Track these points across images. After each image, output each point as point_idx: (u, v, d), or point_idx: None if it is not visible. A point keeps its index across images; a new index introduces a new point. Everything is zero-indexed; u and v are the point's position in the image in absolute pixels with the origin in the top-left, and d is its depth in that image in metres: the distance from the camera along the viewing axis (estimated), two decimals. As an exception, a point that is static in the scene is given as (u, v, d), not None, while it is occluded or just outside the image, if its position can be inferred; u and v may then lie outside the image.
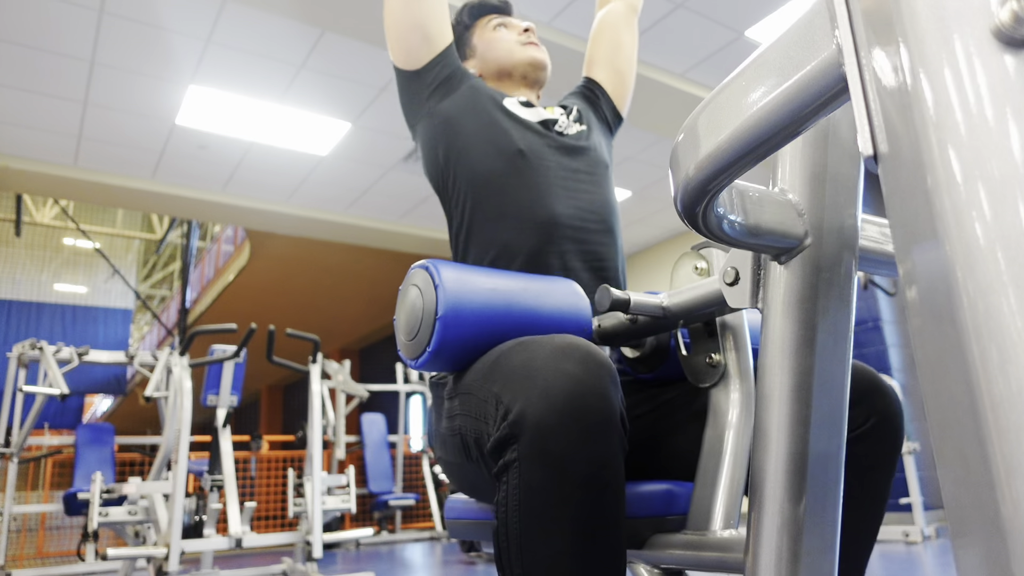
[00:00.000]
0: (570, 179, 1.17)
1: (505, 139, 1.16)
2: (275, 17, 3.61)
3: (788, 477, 0.58)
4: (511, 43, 1.32)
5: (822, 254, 0.59)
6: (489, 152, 1.15)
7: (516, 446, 0.68)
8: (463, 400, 0.84)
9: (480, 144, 1.16)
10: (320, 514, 3.40)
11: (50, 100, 4.24)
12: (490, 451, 0.72)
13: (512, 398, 0.70)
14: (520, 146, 1.16)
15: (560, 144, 1.20)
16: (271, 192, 5.66)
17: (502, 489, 0.69)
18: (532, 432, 0.66)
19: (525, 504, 0.67)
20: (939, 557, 3.58)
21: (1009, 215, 0.29)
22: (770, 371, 0.60)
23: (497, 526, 0.70)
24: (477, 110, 1.19)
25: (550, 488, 0.66)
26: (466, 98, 1.20)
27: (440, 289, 0.80)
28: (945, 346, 0.31)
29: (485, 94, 1.21)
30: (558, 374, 0.68)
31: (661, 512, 0.83)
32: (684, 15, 3.78)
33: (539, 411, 0.67)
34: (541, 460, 0.66)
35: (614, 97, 1.38)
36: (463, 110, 1.19)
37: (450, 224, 1.20)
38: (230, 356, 3.69)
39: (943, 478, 0.32)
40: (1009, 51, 0.30)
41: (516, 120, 1.19)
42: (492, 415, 0.73)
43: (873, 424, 0.85)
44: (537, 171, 1.14)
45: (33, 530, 5.84)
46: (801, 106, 0.42)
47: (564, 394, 0.67)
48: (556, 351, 0.70)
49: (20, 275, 9.80)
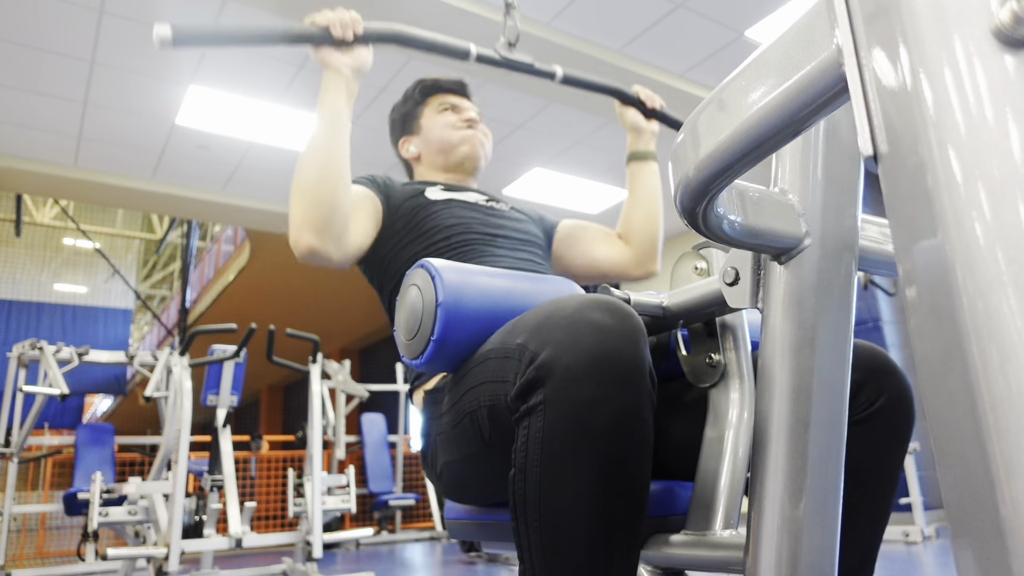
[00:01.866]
0: (502, 243, 1.24)
1: (430, 225, 1.23)
2: (275, 17, 3.61)
3: (788, 477, 0.58)
4: (449, 133, 1.38)
5: (822, 254, 0.59)
6: (420, 241, 1.22)
7: (542, 389, 0.66)
8: (474, 373, 0.82)
9: (412, 238, 1.23)
10: (320, 514, 3.40)
11: (50, 100, 4.24)
12: (512, 399, 0.70)
13: (540, 344, 0.68)
14: (447, 223, 1.23)
15: (487, 214, 1.28)
16: (271, 192, 5.66)
17: (522, 434, 0.68)
18: (561, 374, 0.65)
19: (547, 447, 0.66)
20: (939, 557, 3.58)
21: (1009, 215, 0.29)
22: (770, 371, 0.60)
23: (514, 473, 0.69)
24: (404, 218, 1.25)
25: (575, 430, 0.65)
26: (394, 218, 1.25)
27: (440, 287, 0.80)
28: (945, 346, 0.31)
29: (405, 198, 1.27)
30: (589, 323, 0.67)
31: (661, 512, 0.83)
32: (684, 15, 3.78)
33: (569, 355, 0.65)
34: (569, 403, 0.65)
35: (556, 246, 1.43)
36: (393, 225, 1.25)
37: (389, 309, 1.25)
38: (230, 356, 3.69)
39: (943, 478, 0.32)
40: (1009, 51, 0.30)
41: (437, 203, 1.26)
42: (514, 368, 0.72)
43: (882, 405, 0.84)
44: (467, 241, 1.22)
45: (33, 530, 5.85)
46: (801, 106, 0.42)
47: (595, 340, 0.66)
48: (585, 303, 0.70)
49: (20, 275, 9.80)
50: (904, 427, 0.86)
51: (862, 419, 0.84)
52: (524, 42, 1.40)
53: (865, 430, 0.83)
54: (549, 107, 4.40)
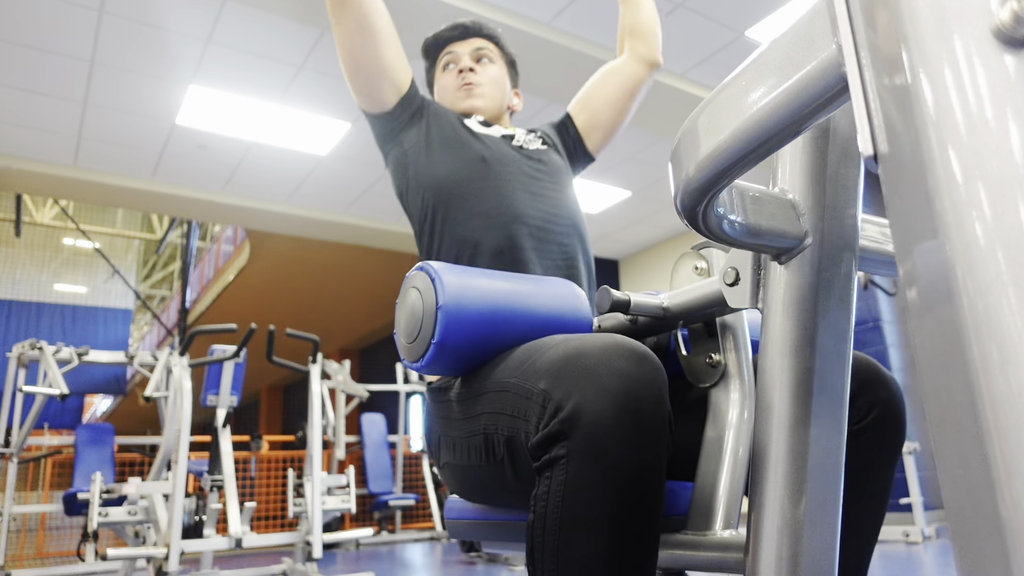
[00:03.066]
0: (532, 183, 1.24)
1: (467, 149, 1.25)
2: (275, 17, 3.61)
3: (788, 477, 0.58)
4: (451, 92, 1.40)
5: (822, 254, 0.59)
6: (454, 162, 1.24)
7: (566, 443, 0.67)
8: (492, 399, 0.82)
9: (445, 158, 1.25)
10: (320, 514, 3.40)
11: (50, 100, 4.24)
12: (533, 447, 0.70)
13: (564, 394, 0.68)
14: (483, 154, 1.24)
15: (520, 153, 1.29)
16: (271, 192, 5.66)
17: (543, 484, 0.68)
18: (587, 429, 0.65)
19: (569, 500, 0.66)
20: (939, 557, 3.58)
21: (1009, 215, 0.29)
22: (770, 371, 0.60)
23: (533, 520, 0.69)
24: (442, 130, 1.28)
25: (598, 486, 0.65)
26: (431, 123, 1.29)
27: (440, 290, 0.80)
28: (945, 346, 0.31)
29: (446, 117, 1.31)
30: (615, 373, 0.67)
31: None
32: (684, 15, 3.78)
33: (596, 408, 0.65)
34: (593, 458, 0.65)
35: (583, 131, 1.43)
36: (429, 131, 1.28)
37: (419, 238, 1.25)
38: (230, 356, 3.68)
39: (943, 478, 0.32)
40: (1009, 51, 0.30)
41: (476, 135, 1.29)
42: (536, 412, 0.72)
43: (875, 416, 0.85)
44: (500, 175, 1.22)
45: (33, 530, 5.85)
46: (801, 106, 0.42)
47: (622, 393, 0.66)
48: (610, 349, 0.69)
49: (20, 275, 9.80)
50: (897, 438, 0.87)
51: (855, 431, 0.84)
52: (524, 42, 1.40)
53: (859, 442, 0.83)
54: (549, 107, 4.40)
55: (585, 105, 1.45)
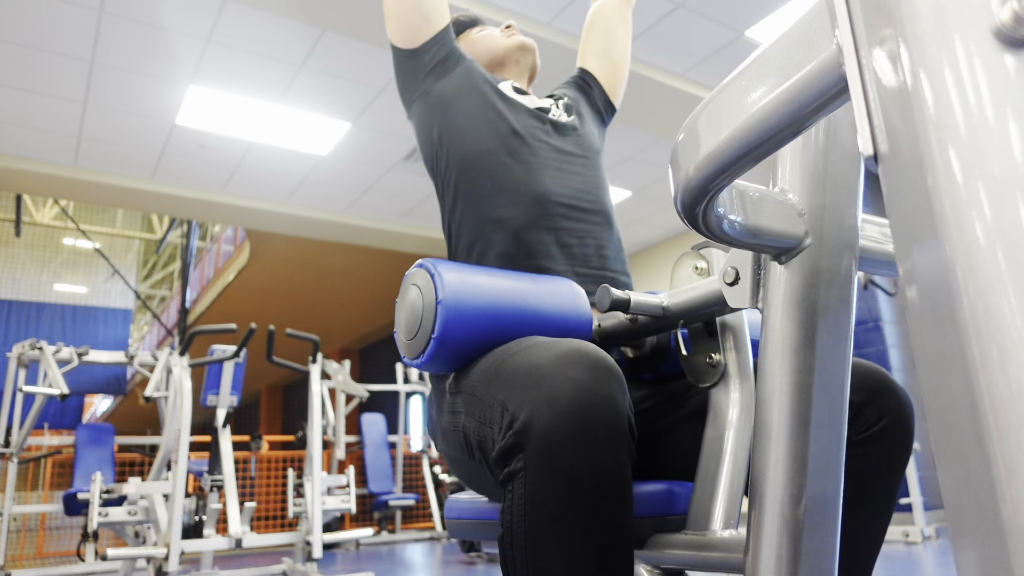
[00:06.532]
0: (562, 161, 1.18)
1: (499, 119, 1.17)
2: (275, 17, 3.61)
3: (788, 477, 0.58)
4: (496, 37, 1.36)
5: (822, 254, 0.59)
6: (483, 131, 1.16)
7: (522, 455, 0.66)
8: (466, 400, 0.83)
9: (474, 124, 1.17)
10: (320, 514, 3.40)
11: (50, 100, 4.24)
12: (495, 459, 0.70)
13: (518, 406, 0.68)
14: (515, 126, 1.17)
15: (552, 128, 1.22)
16: (271, 192, 5.66)
17: (507, 498, 0.68)
18: (538, 442, 0.65)
19: (531, 515, 0.65)
20: (939, 557, 3.58)
21: (1009, 215, 0.29)
22: (770, 371, 0.60)
23: (502, 534, 0.69)
24: (472, 90, 1.20)
25: (557, 499, 0.64)
26: (462, 79, 1.21)
27: (440, 287, 0.80)
28: (945, 346, 0.31)
29: (480, 76, 1.23)
30: (566, 381, 0.66)
31: (661, 512, 0.83)
32: (684, 15, 3.77)
33: (546, 420, 0.65)
34: (548, 470, 0.64)
35: (607, 87, 1.39)
36: (458, 90, 1.20)
37: (442, 204, 1.20)
38: (230, 356, 3.69)
39: (943, 478, 0.32)
40: (1009, 51, 0.30)
41: (510, 102, 1.21)
42: (497, 421, 0.72)
43: (885, 425, 0.84)
44: (530, 150, 1.16)
45: (33, 530, 5.85)
46: (801, 106, 0.42)
47: (572, 402, 0.65)
48: (563, 356, 0.68)
49: (20, 275, 9.79)
50: (905, 447, 0.86)
51: (863, 440, 0.83)
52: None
53: (866, 451, 0.83)
54: (549, 107, 4.40)
55: (601, 55, 1.40)
